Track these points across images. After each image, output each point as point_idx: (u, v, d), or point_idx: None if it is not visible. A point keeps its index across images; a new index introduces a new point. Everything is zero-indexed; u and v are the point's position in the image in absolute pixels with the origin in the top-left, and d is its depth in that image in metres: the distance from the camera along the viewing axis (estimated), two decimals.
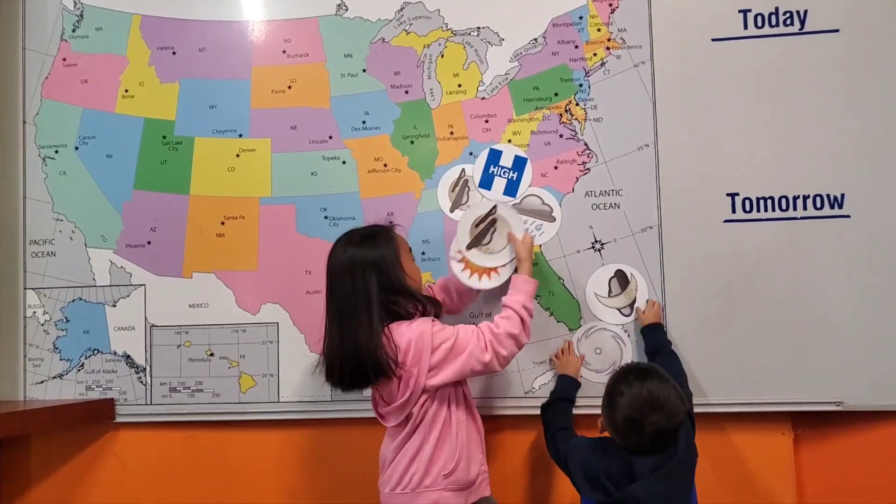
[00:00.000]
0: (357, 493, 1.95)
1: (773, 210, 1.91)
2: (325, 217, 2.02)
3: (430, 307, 1.66)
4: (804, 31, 1.92)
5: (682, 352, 1.90)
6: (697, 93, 1.94)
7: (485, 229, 1.79)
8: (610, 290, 1.94)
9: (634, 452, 1.45)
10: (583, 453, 1.54)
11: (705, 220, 1.92)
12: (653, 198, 1.94)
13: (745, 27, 1.93)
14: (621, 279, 1.94)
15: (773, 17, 1.93)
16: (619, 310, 1.93)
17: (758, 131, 1.92)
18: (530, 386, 1.95)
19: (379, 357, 1.53)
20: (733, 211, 1.92)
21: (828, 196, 1.90)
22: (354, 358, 1.55)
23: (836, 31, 1.91)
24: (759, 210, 1.91)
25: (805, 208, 1.90)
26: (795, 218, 1.90)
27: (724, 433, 1.94)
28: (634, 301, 1.92)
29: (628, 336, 1.92)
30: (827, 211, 1.90)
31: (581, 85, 1.97)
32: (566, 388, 1.85)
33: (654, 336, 1.85)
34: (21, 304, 2.09)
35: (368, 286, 1.57)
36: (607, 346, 1.93)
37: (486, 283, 1.76)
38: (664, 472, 1.41)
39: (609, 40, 1.97)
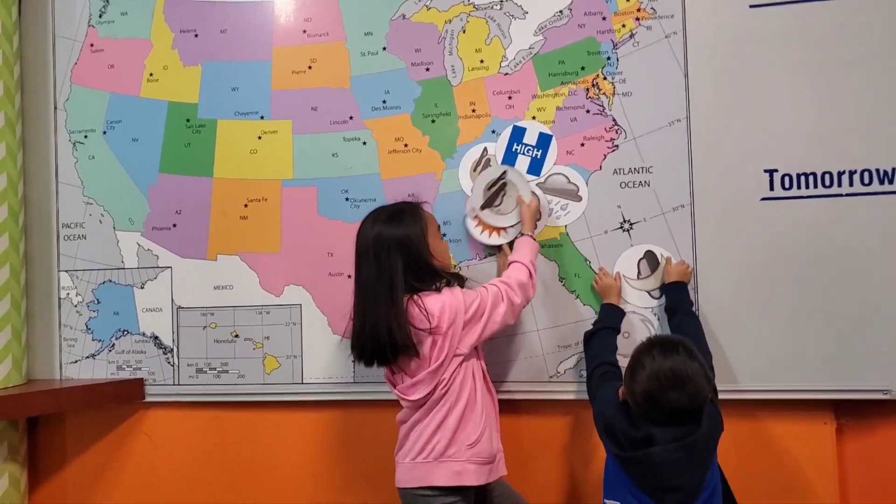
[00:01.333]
0: (380, 475, 1.93)
1: (815, 187, 1.79)
2: (347, 199, 2.00)
3: (455, 282, 1.66)
4: None
5: (716, 335, 1.82)
6: (733, 63, 1.83)
7: (497, 191, 1.86)
8: (639, 272, 1.87)
9: (654, 423, 1.40)
10: (609, 406, 1.50)
11: (741, 198, 1.82)
12: (685, 175, 1.84)
13: None
14: (651, 261, 1.86)
15: None
16: (648, 292, 1.86)
17: (798, 103, 1.80)
18: (555, 370, 1.89)
19: (397, 336, 1.55)
20: (771, 188, 1.81)
21: (876, 171, 1.77)
22: (375, 336, 1.57)
23: None
24: (799, 187, 1.80)
25: (851, 184, 1.78)
26: (840, 195, 1.78)
27: (761, 421, 1.85)
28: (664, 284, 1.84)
29: (658, 319, 1.84)
30: (875, 187, 1.77)
31: (609, 58, 1.89)
32: (609, 315, 1.78)
33: (675, 294, 1.78)
34: (55, 285, 2.14)
35: (394, 265, 1.58)
36: (636, 329, 1.85)
37: (496, 240, 1.87)
38: (685, 442, 1.37)
39: (639, 10, 1.87)
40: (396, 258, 1.58)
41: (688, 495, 1.37)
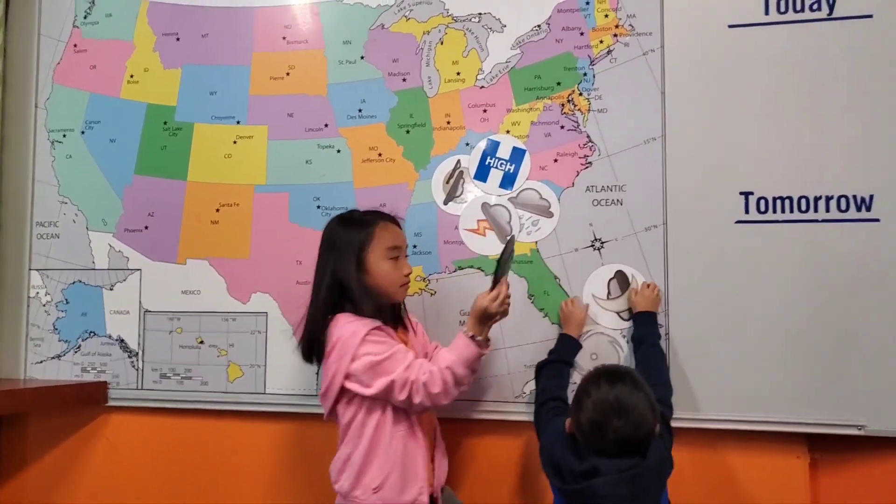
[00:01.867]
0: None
1: (792, 211, 1.75)
2: (318, 206, 1.98)
3: (374, 315, 1.55)
4: (833, 16, 1.75)
5: (686, 362, 1.77)
6: (711, 83, 1.80)
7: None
8: (609, 293, 1.82)
9: (600, 454, 1.36)
10: (555, 441, 1.47)
11: (715, 220, 1.78)
12: (659, 195, 1.81)
13: (767, 12, 1.78)
14: (621, 281, 1.82)
15: (799, 2, 1.77)
16: (617, 313, 1.81)
17: (777, 126, 1.76)
18: (520, 390, 1.84)
19: (307, 339, 1.57)
20: (746, 211, 1.77)
21: (854, 197, 1.72)
22: (304, 333, 1.60)
23: (870, 16, 1.73)
24: (775, 211, 1.76)
25: (828, 210, 1.73)
26: (817, 220, 1.74)
27: (731, 454, 1.78)
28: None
29: (626, 342, 1.80)
30: (853, 214, 1.72)
31: (585, 74, 1.86)
32: (565, 348, 1.74)
33: (642, 325, 1.73)
34: (25, 284, 2.14)
35: (325, 267, 1.58)
36: (603, 351, 1.80)
37: None
38: (630, 474, 1.32)
39: (617, 27, 1.85)
40: (329, 262, 1.58)
41: None
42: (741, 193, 1.77)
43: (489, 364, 1.86)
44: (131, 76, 2.11)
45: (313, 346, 1.57)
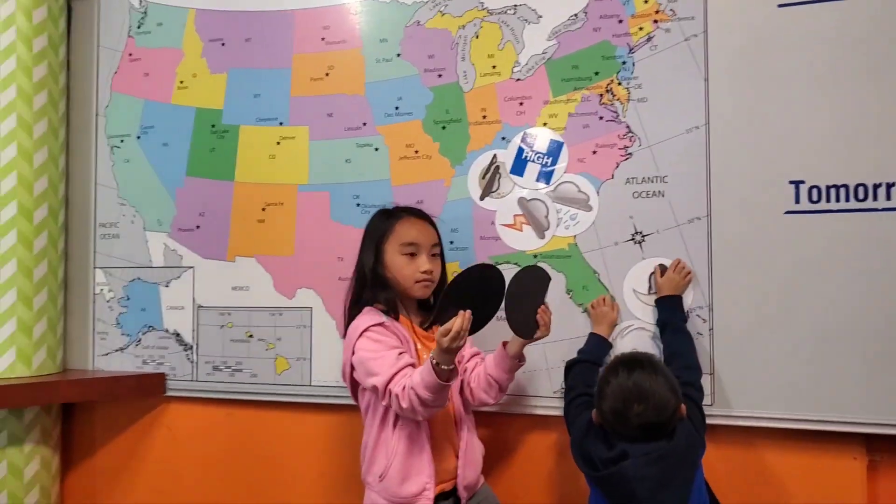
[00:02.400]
0: None
1: (847, 200, 1.65)
2: (358, 204, 2.01)
3: (388, 307, 1.62)
4: None
5: (733, 359, 1.71)
6: (758, 67, 1.71)
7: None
8: (650, 287, 1.77)
9: (627, 440, 1.39)
10: (584, 433, 1.49)
11: (763, 211, 1.70)
12: (702, 185, 1.74)
13: None
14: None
15: None
16: None
17: (830, 109, 1.66)
18: (559, 386, 1.82)
19: (345, 326, 1.66)
20: (797, 201, 1.68)
21: None
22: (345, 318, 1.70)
23: None
24: (828, 200, 1.66)
25: (889, 198, 1.62)
26: (875, 209, 1.63)
27: (781, 455, 1.71)
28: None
29: None
30: None
31: (624, 62, 1.81)
32: (594, 348, 1.73)
33: (665, 309, 1.69)
34: (91, 281, 2.27)
35: (359, 257, 1.69)
36: (644, 347, 1.76)
37: None
38: (656, 456, 1.35)
39: (657, 12, 1.79)
40: (360, 250, 1.69)
41: None
42: (791, 182, 1.68)
43: (528, 359, 1.84)
44: (181, 82, 2.20)
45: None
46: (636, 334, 1.77)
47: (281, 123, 2.09)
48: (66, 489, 2.28)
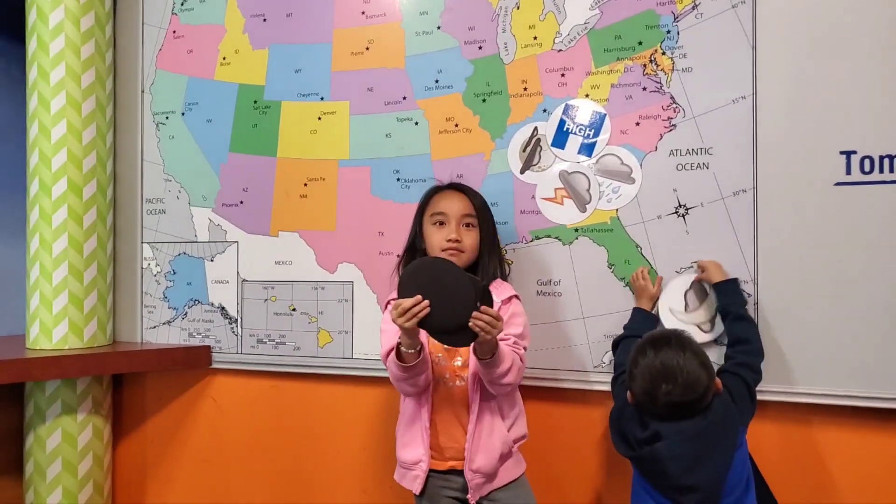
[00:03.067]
0: None
1: None
2: (398, 179, 2.02)
3: None
4: None
5: (780, 334, 1.68)
6: (808, 34, 1.66)
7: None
8: (687, 304, 1.73)
9: (658, 419, 1.38)
10: (621, 410, 1.50)
11: (812, 183, 1.66)
12: (749, 157, 1.70)
13: None
14: (699, 292, 1.73)
15: None
16: (698, 326, 1.71)
17: (884, 77, 1.60)
18: (600, 360, 1.82)
19: None
20: (848, 172, 1.63)
21: None
22: None
23: None
24: (881, 171, 1.61)
25: None
26: None
27: (828, 431, 1.68)
28: (715, 316, 1.70)
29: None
30: None
31: (669, 31, 1.77)
32: (639, 322, 1.72)
33: (722, 296, 1.65)
34: (139, 256, 2.33)
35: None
36: None
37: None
38: (691, 434, 1.33)
39: None
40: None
41: (706, 497, 1.29)
42: (842, 153, 1.64)
43: (569, 334, 1.85)
44: (224, 58, 2.22)
45: None
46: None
47: (322, 98, 2.11)
48: (117, 457, 2.37)
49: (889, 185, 1.61)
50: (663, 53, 1.78)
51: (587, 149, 1.84)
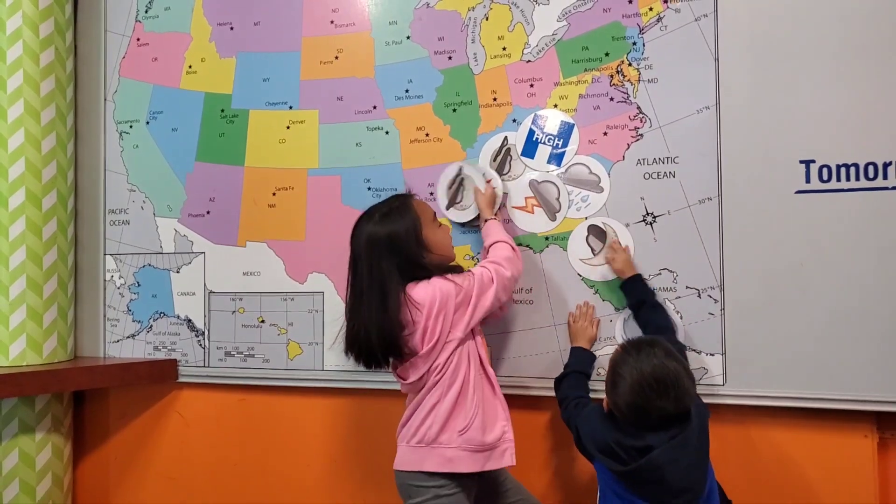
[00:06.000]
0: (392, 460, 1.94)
1: (858, 179, 1.66)
2: (369, 188, 2.01)
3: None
4: None
5: (744, 338, 1.72)
6: (768, 47, 1.72)
7: (456, 189, 1.89)
8: (592, 249, 1.82)
9: (649, 430, 1.36)
10: (593, 422, 1.47)
11: (774, 191, 1.71)
12: (713, 166, 1.75)
13: None
14: (598, 234, 1.82)
15: None
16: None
17: (841, 89, 1.67)
18: None
19: (389, 339, 1.55)
20: (808, 180, 1.69)
21: None
22: (368, 341, 1.56)
23: None
24: (839, 179, 1.67)
25: None
26: (885, 188, 1.64)
27: (792, 432, 1.73)
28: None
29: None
30: None
31: (634, 43, 1.81)
32: (579, 360, 1.73)
33: (633, 289, 1.69)
34: (101, 268, 2.27)
35: (385, 267, 1.56)
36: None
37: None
38: (680, 440, 1.33)
39: None
40: (390, 260, 1.56)
41: (694, 497, 1.32)
42: (801, 162, 1.69)
43: (540, 341, 1.86)
44: (189, 67, 2.19)
45: (383, 349, 1.57)
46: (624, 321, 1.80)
47: (290, 107, 2.09)
48: (78, 476, 2.29)
49: (846, 193, 1.67)
50: (630, 64, 1.82)
51: (556, 158, 1.87)
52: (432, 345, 1.56)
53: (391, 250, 1.56)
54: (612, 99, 1.83)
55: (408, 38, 1.99)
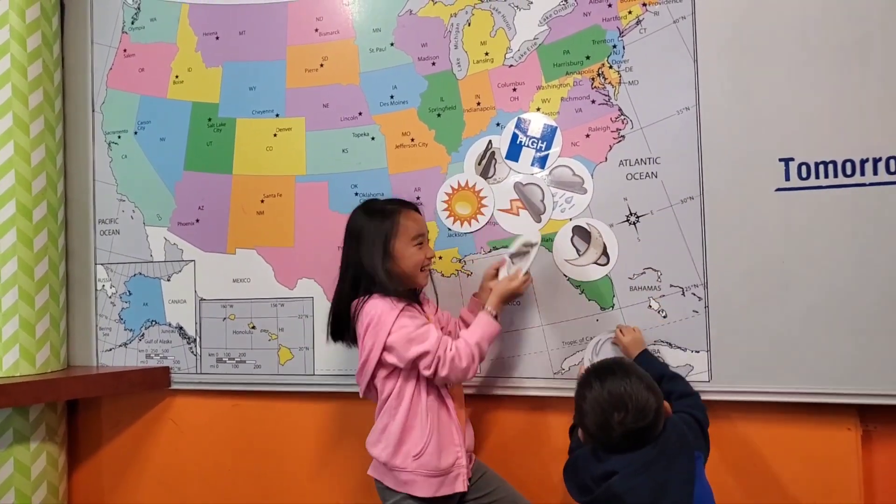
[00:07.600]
0: None
1: (836, 176, 1.68)
2: (356, 194, 2.03)
3: (401, 299, 1.63)
4: None
5: (728, 335, 1.74)
6: (746, 48, 1.74)
7: (523, 254, 1.73)
8: (577, 250, 1.84)
9: (616, 452, 1.35)
10: (574, 462, 1.47)
11: (754, 189, 1.73)
12: (694, 165, 1.77)
13: None
14: (582, 234, 1.84)
15: None
16: (595, 263, 1.84)
17: (818, 87, 1.69)
18: (559, 367, 1.86)
19: (334, 319, 1.70)
20: (787, 178, 1.71)
21: None
22: (330, 314, 1.73)
23: None
24: (818, 176, 1.69)
25: (875, 173, 1.66)
26: (863, 184, 1.67)
27: (777, 427, 1.75)
28: (605, 247, 1.82)
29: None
30: None
31: (615, 46, 1.84)
32: (651, 366, 1.70)
33: (648, 368, 1.60)
34: (92, 278, 2.29)
35: (352, 255, 1.66)
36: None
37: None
38: (642, 464, 1.31)
39: None
40: (355, 250, 1.65)
41: None
42: (781, 160, 1.72)
43: (527, 341, 1.88)
44: (176, 77, 2.21)
45: (340, 326, 1.69)
46: (608, 346, 1.82)
47: (277, 115, 2.11)
48: (73, 485, 2.30)
49: (825, 190, 1.69)
50: (610, 67, 1.84)
51: (540, 161, 1.89)
52: (363, 361, 1.62)
53: (359, 242, 1.65)
54: (593, 101, 1.85)
55: (391, 44, 2.01)
